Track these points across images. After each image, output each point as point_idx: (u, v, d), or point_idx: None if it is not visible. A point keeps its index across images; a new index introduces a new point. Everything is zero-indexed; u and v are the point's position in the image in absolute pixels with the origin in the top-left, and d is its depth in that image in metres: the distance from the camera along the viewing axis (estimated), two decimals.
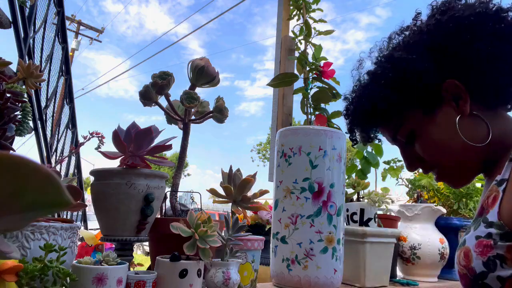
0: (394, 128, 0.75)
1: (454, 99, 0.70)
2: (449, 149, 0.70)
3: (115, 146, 1.05)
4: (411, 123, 0.72)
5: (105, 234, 1.01)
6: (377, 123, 0.78)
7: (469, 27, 0.66)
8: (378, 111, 0.73)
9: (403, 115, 0.73)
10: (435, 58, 0.69)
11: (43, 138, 3.55)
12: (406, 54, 0.70)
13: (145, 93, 1.19)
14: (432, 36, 0.69)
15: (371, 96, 0.73)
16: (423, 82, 0.68)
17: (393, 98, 0.70)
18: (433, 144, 0.71)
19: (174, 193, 1.19)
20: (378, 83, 0.72)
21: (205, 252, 0.95)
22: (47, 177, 0.25)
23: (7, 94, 0.81)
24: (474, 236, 0.63)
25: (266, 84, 1.62)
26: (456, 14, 0.68)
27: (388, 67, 0.72)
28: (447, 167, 0.72)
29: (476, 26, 0.66)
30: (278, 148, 1.33)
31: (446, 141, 0.70)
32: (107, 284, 0.79)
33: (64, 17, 4.14)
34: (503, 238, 0.59)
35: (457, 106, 0.70)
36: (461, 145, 0.68)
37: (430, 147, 0.72)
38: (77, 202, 0.84)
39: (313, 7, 1.69)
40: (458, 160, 0.70)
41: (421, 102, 0.71)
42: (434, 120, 0.71)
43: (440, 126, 0.70)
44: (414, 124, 0.72)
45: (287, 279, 1.21)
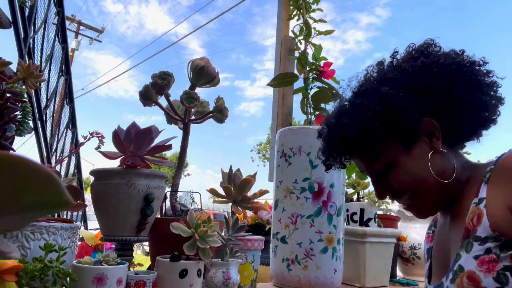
0: (373, 157, 0.79)
1: (428, 136, 0.76)
2: (421, 181, 0.75)
3: (115, 146, 1.05)
4: (389, 155, 0.77)
5: (105, 234, 1.01)
6: (358, 151, 0.81)
7: (450, 74, 0.73)
8: (362, 141, 0.77)
9: (384, 146, 0.77)
10: (418, 98, 0.74)
11: (43, 138, 3.55)
12: (393, 91, 0.74)
13: (145, 93, 1.19)
14: (417, 77, 0.75)
15: (357, 125, 0.76)
16: (407, 119, 0.74)
17: (379, 130, 0.74)
18: (408, 176, 0.76)
19: (174, 193, 1.19)
20: (365, 114, 0.75)
21: (205, 252, 0.95)
22: (47, 177, 0.25)
23: (7, 94, 0.81)
24: (471, 258, 0.66)
25: (266, 84, 1.62)
26: (440, 61, 0.74)
27: (376, 100, 0.75)
28: (418, 197, 0.77)
29: (456, 74, 0.73)
30: (278, 148, 1.33)
31: (420, 174, 0.75)
32: (107, 284, 0.79)
33: (64, 17, 4.14)
34: (503, 249, 0.63)
35: (430, 142, 0.76)
36: (433, 180, 0.75)
37: (405, 179, 0.76)
38: (77, 202, 0.84)
39: (313, 7, 1.69)
40: (428, 193, 0.76)
41: (401, 136, 0.76)
42: (410, 153, 0.76)
43: (416, 160, 0.76)
44: (392, 156, 0.77)
45: (287, 279, 1.21)
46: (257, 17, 70.14)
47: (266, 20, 66.35)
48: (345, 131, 0.77)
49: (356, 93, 0.80)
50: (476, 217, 0.68)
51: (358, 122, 0.75)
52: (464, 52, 0.77)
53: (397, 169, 0.76)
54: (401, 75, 0.76)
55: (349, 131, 0.76)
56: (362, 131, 0.75)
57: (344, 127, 0.77)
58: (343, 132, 0.77)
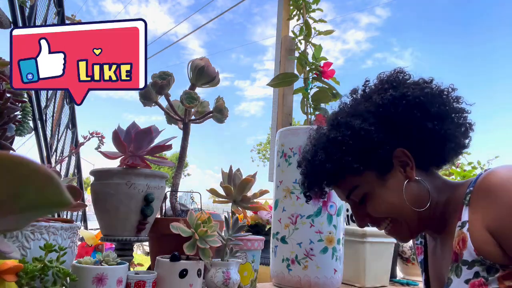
0: (349, 189, 0.81)
1: (402, 165, 0.79)
2: (398, 210, 0.78)
3: (115, 146, 1.05)
4: (365, 186, 0.79)
5: (105, 234, 1.01)
6: (335, 183, 0.84)
7: (419, 106, 0.75)
8: (339, 175, 0.80)
9: (360, 178, 0.79)
10: (389, 129, 0.77)
11: (43, 138, 3.55)
12: (365, 125, 0.77)
13: (145, 93, 1.20)
14: (387, 111, 0.77)
15: (333, 160, 0.78)
16: (380, 151, 0.76)
17: (354, 164, 0.77)
18: (384, 206, 0.78)
19: (174, 193, 1.19)
20: (339, 149, 0.77)
21: (205, 252, 0.95)
22: (47, 177, 0.25)
23: (7, 94, 0.81)
24: (463, 282, 0.68)
25: (266, 84, 1.62)
26: (408, 93, 0.76)
27: (348, 134, 0.77)
28: (397, 224, 0.80)
29: (425, 105, 0.75)
30: (278, 148, 1.33)
31: (395, 204, 0.77)
32: (107, 284, 0.79)
33: (64, 17, 4.14)
34: (490, 272, 0.65)
35: (404, 172, 0.78)
36: (408, 208, 0.77)
37: (381, 209, 0.79)
38: (77, 202, 0.84)
39: (313, 7, 1.69)
40: (406, 220, 0.78)
41: (376, 168, 0.78)
42: (385, 183, 0.78)
43: (391, 190, 0.78)
44: (368, 187, 0.79)
45: (287, 279, 1.21)
46: (257, 17, 70.16)
47: (266, 20, 66.33)
48: (322, 166, 0.79)
49: (331, 126, 0.82)
50: (461, 241, 0.70)
51: (333, 157, 0.78)
52: (433, 80, 0.79)
53: (374, 200, 0.79)
54: (372, 108, 0.79)
55: (326, 166, 0.78)
56: (338, 166, 0.78)
57: (321, 163, 0.79)
58: (320, 167, 0.80)
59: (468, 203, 0.71)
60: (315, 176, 0.83)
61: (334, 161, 0.78)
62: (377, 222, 0.82)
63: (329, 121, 0.84)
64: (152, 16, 78.20)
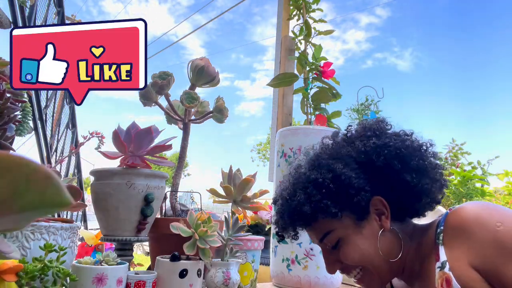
0: (324, 232, 0.80)
1: (377, 213, 0.79)
2: (370, 260, 0.77)
3: (115, 146, 1.05)
4: (340, 231, 0.78)
5: (105, 234, 1.01)
6: (311, 226, 0.82)
7: (400, 158, 0.77)
8: (316, 217, 0.78)
9: (335, 222, 0.78)
10: (369, 177, 0.78)
11: (43, 138, 3.55)
12: (346, 169, 0.77)
13: (145, 93, 1.20)
14: (368, 158, 0.78)
15: (311, 202, 0.77)
16: (358, 197, 0.76)
17: (332, 208, 0.76)
18: (357, 253, 0.77)
19: (174, 193, 1.19)
20: (319, 191, 0.77)
21: (205, 252, 0.95)
22: (47, 177, 0.25)
23: (7, 94, 0.81)
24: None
25: (266, 84, 1.62)
26: (390, 143, 0.78)
27: (329, 177, 0.77)
28: (367, 273, 0.79)
29: (405, 158, 0.77)
30: (278, 148, 1.33)
31: (368, 253, 0.77)
32: (107, 284, 0.79)
33: (64, 17, 4.14)
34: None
35: (379, 221, 0.79)
36: (381, 258, 0.77)
37: (354, 256, 0.77)
38: (77, 202, 0.84)
39: (313, 7, 1.69)
40: (377, 269, 0.78)
41: (353, 213, 0.78)
42: (361, 231, 0.78)
43: (365, 238, 0.78)
44: (343, 232, 0.78)
45: (287, 279, 1.21)
46: (257, 17, 70.15)
47: (266, 20, 66.30)
48: (300, 207, 0.78)
49: (312, 166, 0.82)
50: (445, 282, 0.69)
51: (312, 199, 0.77)
52: (413, 133, 0.81)
53: (347, 246, 0.78)
54: (354, 153, 0.80)
55: (304, 208, 0.77)
56: (316, 208, 0.77)
57: (299, 204, 0.78)
58: (297, 208, 0.79)
59: (442, 242, 0.72)
60: (291, 217, 0.81)
61: (313, 203, 0.77)
62: (347, 269, 0.81)
63: (310, 161, 0.83)
64: (152, 16, 78.24)
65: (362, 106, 2.39)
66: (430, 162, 0.79)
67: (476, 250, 0.66)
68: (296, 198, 0.79)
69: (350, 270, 0.81)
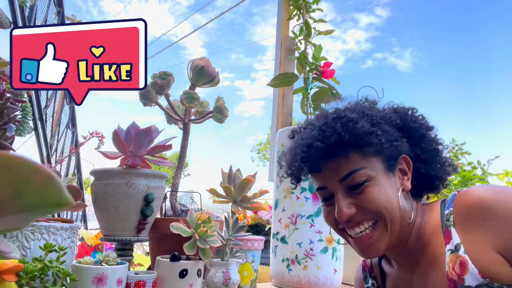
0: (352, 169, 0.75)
1: (401, 172, 0.79)
2: (392, 209, 0.75)
3: (115, 146, 1.05)
4: (370, 171, 0.76)
5: (105, 234, 1.01)
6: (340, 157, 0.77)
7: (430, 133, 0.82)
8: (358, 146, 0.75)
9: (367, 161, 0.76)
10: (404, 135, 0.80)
11: (43, 138, 3.55)
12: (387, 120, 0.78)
13: (145, 93, 1.20)
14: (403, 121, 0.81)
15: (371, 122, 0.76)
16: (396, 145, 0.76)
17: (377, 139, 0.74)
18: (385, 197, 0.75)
19: (174, 193, 1.19)
20: (374, 119, 0.77)
21: (205, 252, 0.95)
22: (47, 177, 0.25)
23: (7, 94, 0.81)
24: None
25: (266, 84, 1.62)
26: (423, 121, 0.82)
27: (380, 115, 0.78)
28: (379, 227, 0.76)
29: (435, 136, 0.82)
30: (278, 148, 1.33)
31: (393, 201, 0.75)
32: (107, 284, 0.79)
33: (64, 17, 4.14)
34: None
35: (401, 179, 0.79)
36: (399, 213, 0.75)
37: (381, 199, 0.74)
38: (77, 202, 0.84)
39: (313, 7, 1.69)
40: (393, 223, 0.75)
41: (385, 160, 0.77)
42: (388, 179, 0.77)
43: (391, 187, 0.76)
44: (373, 172, 0.76)
45: (287, 279, 1.21)
46: (257, 17, 70.13)
47: (266, 20, 66.30)
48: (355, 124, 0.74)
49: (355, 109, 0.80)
50: (459, 266, 0.66)
51: (370, 119, 0.76)
52: None
53: (374, 188, 0.74)
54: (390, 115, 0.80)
55: (350, 126, 0.74)
56: (362, 136, 0.74)
57: (349, 121, 0.74)
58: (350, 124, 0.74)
59: (452, 224, 0.69)
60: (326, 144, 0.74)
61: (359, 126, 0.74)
62: (359, 220, 0.76)
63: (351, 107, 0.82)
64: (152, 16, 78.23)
65: None
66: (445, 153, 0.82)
67: (500, 230, 0.63)
68: (350, 117, 0.75)
69: (362, 221, 0.76)
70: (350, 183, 0.75)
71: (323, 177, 0.80)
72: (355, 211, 0.75)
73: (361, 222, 0.76)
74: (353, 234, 0.78)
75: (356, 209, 0.75)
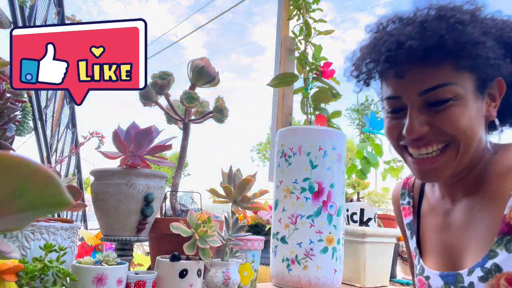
0: (439, 82, 0.64)
1: (490, 97, 0.69)
2: (471, 135, 0.66)
3: (115, 146, 1.05)
4: (460, 88, 0.65)
5: (105, 234, 1.01)
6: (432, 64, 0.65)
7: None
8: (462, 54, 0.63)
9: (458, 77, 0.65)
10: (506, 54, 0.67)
11: (43, 138, 3.55)
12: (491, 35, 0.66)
13: (145, 93, 1.20)
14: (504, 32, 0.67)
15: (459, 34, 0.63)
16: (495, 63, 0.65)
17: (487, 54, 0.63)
18: (467, 119, 0.65)
19: (174, 193, 1.19)
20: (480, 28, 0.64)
21: (205, 252, 0.95)
22: (47, 177, 0.25)
23: (7, 94, 0.81)
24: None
25: (266, 84, 1.62)
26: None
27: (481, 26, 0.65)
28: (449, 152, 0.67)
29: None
30: (278, 148, 1.33)
31: (474, 126, 0.66)
32: (107, 284, 0.79)
33: (64, 17, 4.14)
34: None
35: (488, 106, 0.69)
36: (475, 141, 0.67)
37: (463, 121, 0.65)
38: (77, 202, 0.84)
39: (313, 7, 1.69)
40: (466, 150, 0.67)
41: (478, 78, 0.67)
42: (475, 101, 0.67)
43: (476, 111, 0.67)
44: (462, 90, 0.65)
45: (287, 279, 1.21)
46: (257, 17, 70.16)
47: (266, 20, 66.33)
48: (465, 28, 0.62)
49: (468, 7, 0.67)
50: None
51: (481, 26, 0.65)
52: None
53: (459, 108, 0.64)
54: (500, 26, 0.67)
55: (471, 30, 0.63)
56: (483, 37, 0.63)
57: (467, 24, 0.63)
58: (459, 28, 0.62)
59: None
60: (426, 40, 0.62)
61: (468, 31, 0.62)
62: (429, 141, 0.66)
63: None
64: (152, 16, 78.21)
65: (362, 106, 2.40)
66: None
67: None
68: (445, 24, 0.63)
69: (432, 142, 0.67)
70: (432, 98, 0.65)
71: (402, 85, 0.68)
72: (427, 130, 0.66)
73: (430, 143, 0.67)
74: (416, 154, 0.69)
75: (430, 129, 0.66)
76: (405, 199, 0.88)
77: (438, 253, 0.77)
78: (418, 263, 0.82)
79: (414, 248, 0.84)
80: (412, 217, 0.85)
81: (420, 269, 0.80)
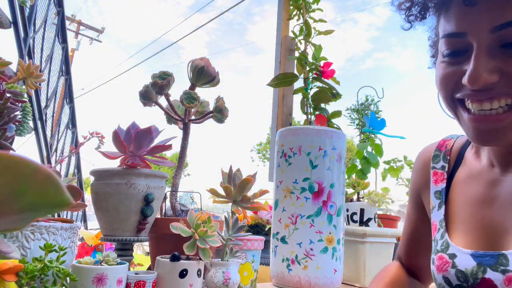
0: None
1: None
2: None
3: (115, 146, 1.05)
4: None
5: (105, 234, 1.01)
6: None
7: None
8: None
9: None
10: None
11: (43, 138, 3.55)
12: None
13: (145, 93, 1.20)
14: None
15: None
16: None
17: None
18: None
19: (174, 193, 1.19)
20: None
21: (205, 252, 0.95)
22: (47, 177, 0.25)
23: (7, 94, 0.81)
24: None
25: (266, 84, 1.62)
26: None
27: None
28: None
29: None
30: (278, 148, 1.33)
31: None
32: (107, 284, 0.79)
33: (64, 17, 4.14)
34: None
35: None
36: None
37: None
38: (77, 202, 0.84)
39: (313, 7, 1.69)
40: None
41: None
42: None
43: None
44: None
45: (287, 279, 1.21)
46: (257, 17, 70.12)
47: (266, 20, 66.32)
48: None
49: None
50: None
51: None
52: None
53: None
54: None
55: None
56: None
57: None
58: None
59: None
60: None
61: None
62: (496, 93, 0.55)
63: None
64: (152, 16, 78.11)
65: (362, 106, 2.39)
66: None
67: None
68: None
69: (499, 96, 0.55)
70: (509, 37, 0.52)
71: (469, 18, 0.55)
72: (497, 79, 0.54)
73: (497, 96, 0.55)
74: (477, 109, 0.57)
75: (500, 77, 0.54)
76: (438, 163, 0.76)
77: (472, 229, 0.66)
78: (441, 238, 0.70)
79: (439, 221, 0.72)
80: (445, 185, 0.74)
81: (443, 245, 0.68)
